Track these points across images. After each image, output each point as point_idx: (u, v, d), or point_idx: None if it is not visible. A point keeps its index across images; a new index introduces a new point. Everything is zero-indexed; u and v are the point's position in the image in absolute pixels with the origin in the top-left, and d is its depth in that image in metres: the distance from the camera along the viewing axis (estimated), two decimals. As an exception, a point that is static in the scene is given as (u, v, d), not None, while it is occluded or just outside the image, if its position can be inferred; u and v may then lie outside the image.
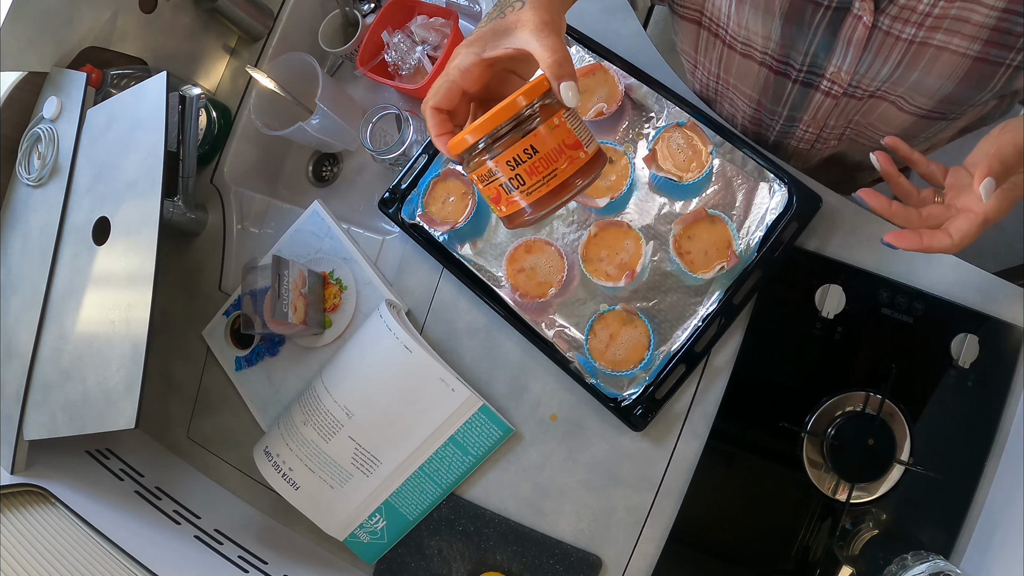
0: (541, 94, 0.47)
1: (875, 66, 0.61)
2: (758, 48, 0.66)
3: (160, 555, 0.66)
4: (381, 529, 0.76)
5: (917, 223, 0.55)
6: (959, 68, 0.57)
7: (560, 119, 0.47)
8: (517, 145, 0.46)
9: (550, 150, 0.47)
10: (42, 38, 0.81)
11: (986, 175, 0.49)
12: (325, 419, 0.74)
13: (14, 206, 0.83)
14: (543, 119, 0.46)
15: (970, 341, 0.68)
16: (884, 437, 0.68)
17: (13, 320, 0.77)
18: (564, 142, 0.47)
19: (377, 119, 0.83)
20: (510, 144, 0.46)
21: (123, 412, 0.66)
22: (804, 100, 0.70)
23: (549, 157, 0.47)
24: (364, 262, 0.81)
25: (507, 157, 0.47)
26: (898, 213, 0.55)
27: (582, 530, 0.73)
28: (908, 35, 0.56)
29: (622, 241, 0.73)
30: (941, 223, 0.54)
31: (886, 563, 0.65)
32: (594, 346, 0.72)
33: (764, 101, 0.73)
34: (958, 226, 0.52)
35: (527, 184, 0.47)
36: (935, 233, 0.53)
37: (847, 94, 0.66)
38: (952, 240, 0.52)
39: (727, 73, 0.74)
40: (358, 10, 0.93)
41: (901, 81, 0.62)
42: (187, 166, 0.84)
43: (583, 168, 0.48)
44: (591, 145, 0.49)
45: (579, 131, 0.48)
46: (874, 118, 0.70)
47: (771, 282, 0.70)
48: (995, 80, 0.58)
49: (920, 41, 0.56)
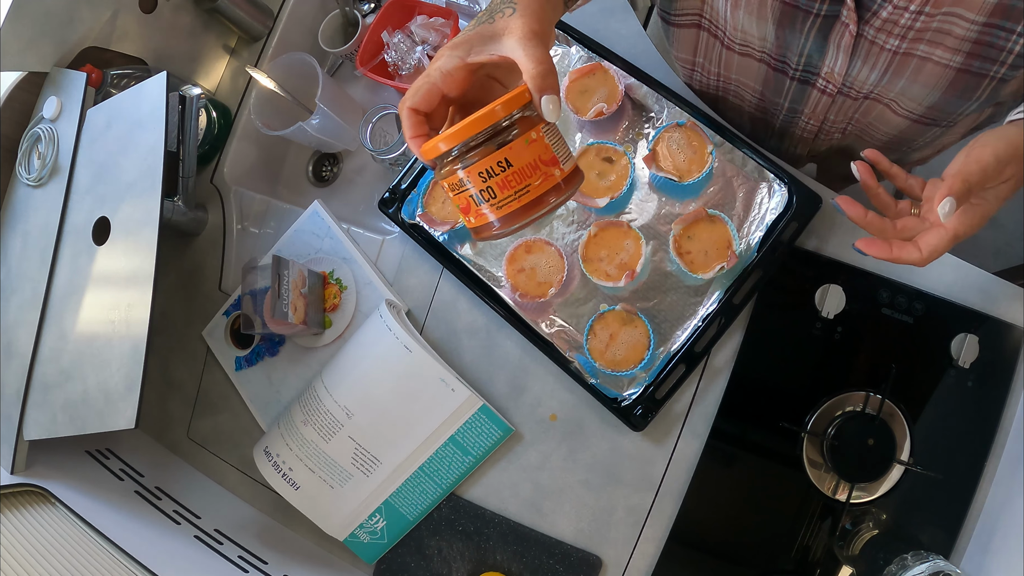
0: (521, 106, 0.45)
1: (864, 71, 0.62)
2: (755, 48, 0.67)
3: (160, 555, 0.66)
4: (381, 529, 0.76)
5: (891, 234, 0.55)
6: (943, 78, 0.58)
7: (538, 133, 0.45)
8: (491, 157, 0.44)
9: (525, 164, 0.45)
10: (42, 38, 0.81)
11: (946, 195, 0.49)
12: (325, 419, 0.74)
13: (14, 206, 0.83)
14: (520, 132, 0.45)
15: (970, 341, 0.68)
16: (884, 437, 0.68)
17: (13, 320, 0.77)
18: (540, 157, 0.45)
19: (377, 119, 0.83)
20: (484, 155, 0.44)
21: (123, 412, 0.66)
22: (803, 96, 0.70)
23: (523, 172, 0.45)
24: (364, 262, 0.81)
25: (479, 168, 0.45)
26: (873, 223, 0.55)
27: (582, 530, 0.73)
28: (892, 46, 0.57)
29: (622, 241, 0.73)
30: (914, 235, 0.54)
31: (886, 563, 0.65)
32: (594, 346, 0.72)
33: (767, 93, 0.74)
34: (927, 240, 0.52)
35: (498, 198, 0.45)
36: (905, 245, 0.53)
37: (842, 93, 0.67)
38: (920, 254, 0.52)
39: (728, 71, 0.74)
40: (358, 10, 0.93)
41: (890, 87, 0.63)
42: (187, 166, 0.84)
43: (557, 186, 0.46)
44: (568, 163, 0.47)
45: (557, 147, 0.46)
46: (872, 119, 0.71)
47: (771, 282, 0.71)
48: (980, 91, 0.58)
49: (904, 52, 0.57)
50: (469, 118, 0.44)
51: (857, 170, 0.56)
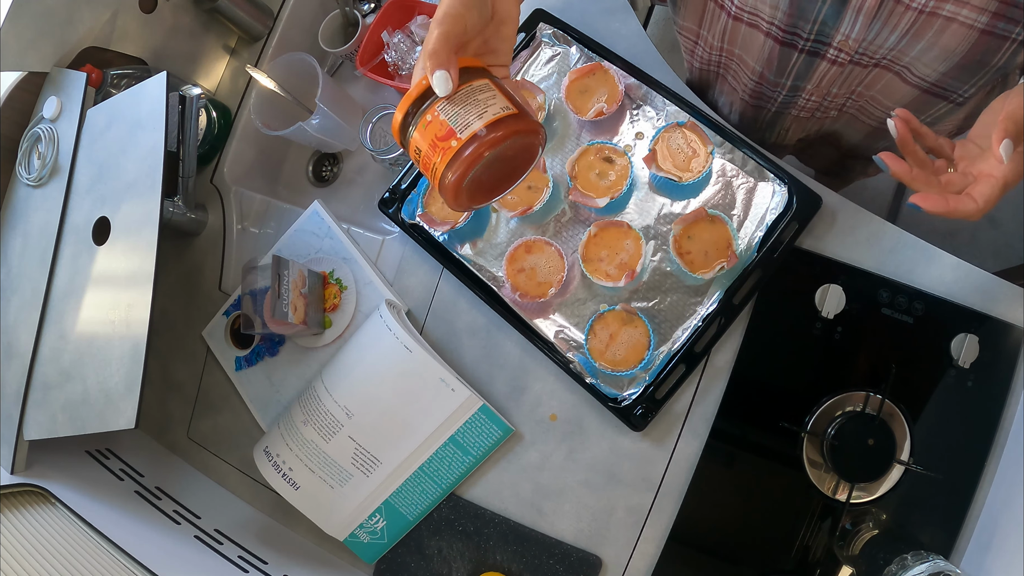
0: (420, 93, 0.46)
1: (883, 34, 0.61)
2: (765, 18, 0.66)
3: (160, 555, 0.66)
4: (381, 529, 0.76)
5: (938, 189, 0.55)
6: (966, 40, 0.58)
7: (433, 114, 0.46)
8: (409, 145, 0.48)
9: (427, 148, 0.46)
10: (42, 38, 0.81)
11: (1003, 137, 0.50)
12: (325, 419, 0.74)
13: (14, 206, 0.83)
14: (417, 122, 0.47)
15: (970, 341, 0.68)
16: (884, 437, 0.68)
17: (13, 320, 0.77)
18: (436, 136, 0.46)
19: (377, 119, 0.83)
20: (408, 145, 0.48)
21: (123, 412, 0.66)
22: (809, 69, 0.69)
23: (427, 157, 0.47)
24: (364, 262, 0.81)
25: (410, 151, 0.48)
26: (919, 178, 0.54)
27: (582, 530, 0.73)
28: (918, 4, 0.56)
29: (622, 241, 0.73)
30: (959, 190, 0.54)
31: (886, 563, 0.65)
32: (594, 346, 0.72)
33: (767, 74, 0.73)
34: (980, 191, 0.52)
35: (432, 176, 0.47)
36: (960, 197, 0.53)
37: (853, 62, 0.66)
38: (976, 204, 0.52)
39: (731, 44, 0.73)
40: (358, 10, 0.93)
41: (907, 50, 0.62)
42: (187, 166, 0.84)
43: (457, 154, 0.45)
44: (471, 128, 0.45)
45: (454, 118, 0.46)
46: (877, 90, 0.70)
47: (771, 282, 0.71)
48: (1000, 54, 0.58)
49: (930, 11, 0.56)
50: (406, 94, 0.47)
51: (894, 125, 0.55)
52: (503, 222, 0.78)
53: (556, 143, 0.78)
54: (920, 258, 0.70)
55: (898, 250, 0.71)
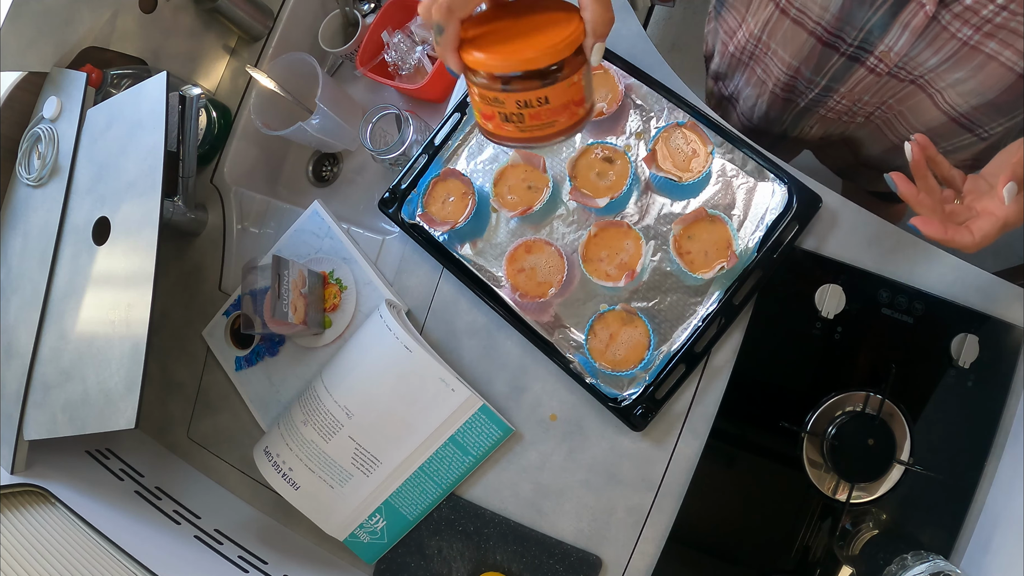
0: (574, 50, 0.45)
1: (925, 54, 0.62)
2: (812, 16, 0.66)
3: (160, 555, 0.66)
4: (381, 529, 0.76)
5: (940, 216, 0.57)
6: (1003, 80, 0.59)
7: (579, 76, 0.47)
8: (532, 93, 0.46)
9: (559, 104, 0.47)
10: (42, 38, 0.81)
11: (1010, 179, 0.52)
12: (325, 419, 0.74)
13: (14, 206, 0.83)
14: (565, 75, 0.46)
15: (970, 341, 0.68)
16: (884, 437, 0.68)
17: (13, 320, 0.77)
18: (573, 98, 0.47)
19: (377, 119, 0.83)
20: (526, 88, 0.45)
21: (123, 412, 0.66)
22: (846, 73, 0.69)
23: (556, 110, 0.47)
24: (364, 262, 0.81)
25: (519, 98, 0.46)
26: (924, 203, 0.56)
27: (582, 530, 0.73)
28: (964, 36, 0.57)
29: (622, 241, 0.73)
30: (961, 222, 0.56)
31: (886, 563, 0.65)
32: (594, 346, 0.72)
33: (804, 70, 0.73)
34: (980, 226, 0.55)
35: (526, 124, 0.48)
36: (959, 228, 0.55)
37: (890, 74, 0.67)
38: (973, 238, 0.54)
39: (770, 38, 0.73)
40: (358, 10, 0.93)
41: (945, 75, 0.63)
42: (187, 166, 0.84)
43: (578, 122, 0.49)
44: (590, 99, 0.49)
45: (587, 87, 0.48)
46: (907, 107, 0.71)
47: (771, 282, 0.71)
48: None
49: (973, 44, 0.57)
50: (523, 50, 0.44)
51: (911, 150, 0.57)
52: (503, 222, 0.78)
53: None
54: (920, 258, 0.70)
55: (898, 250, 0.71)
